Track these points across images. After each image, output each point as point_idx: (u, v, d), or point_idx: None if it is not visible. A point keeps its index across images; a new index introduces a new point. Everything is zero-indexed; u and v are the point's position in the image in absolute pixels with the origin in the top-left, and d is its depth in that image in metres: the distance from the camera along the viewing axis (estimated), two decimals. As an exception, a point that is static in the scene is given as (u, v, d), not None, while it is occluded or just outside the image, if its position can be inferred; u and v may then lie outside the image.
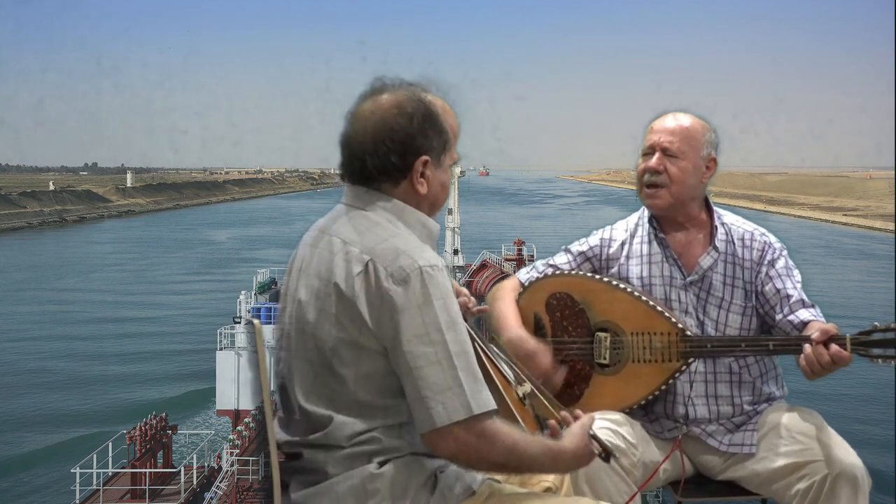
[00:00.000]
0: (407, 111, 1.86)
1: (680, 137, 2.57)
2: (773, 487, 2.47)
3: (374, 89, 1.90)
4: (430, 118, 1.88)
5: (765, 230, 2.67)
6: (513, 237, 52.88)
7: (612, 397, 2.57)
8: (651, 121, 2.68)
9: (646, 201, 2.63)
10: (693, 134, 2.58)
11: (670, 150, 2.56)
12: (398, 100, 1.87)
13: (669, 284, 2.61)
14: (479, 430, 1.77)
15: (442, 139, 1.90)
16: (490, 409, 1.78)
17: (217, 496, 23.10)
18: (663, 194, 2.58)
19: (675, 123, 2.60)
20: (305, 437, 1.87)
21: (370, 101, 1.89)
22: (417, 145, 1.86)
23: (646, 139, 2.63)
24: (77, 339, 43.76)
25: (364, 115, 1.87)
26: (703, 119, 2.63)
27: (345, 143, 1.90)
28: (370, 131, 1.86)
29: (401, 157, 1.86)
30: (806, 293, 2.60)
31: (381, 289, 1.77)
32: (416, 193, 1.89)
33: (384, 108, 1.86)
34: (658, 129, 2.60)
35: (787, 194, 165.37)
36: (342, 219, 1.90)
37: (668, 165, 2.56)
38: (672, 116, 2.62)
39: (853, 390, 29.01)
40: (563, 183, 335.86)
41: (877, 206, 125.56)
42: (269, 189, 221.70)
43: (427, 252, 1.83)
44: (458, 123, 1.95)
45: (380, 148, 1.85)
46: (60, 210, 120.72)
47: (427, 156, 1.88)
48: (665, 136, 2.58)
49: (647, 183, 2.59)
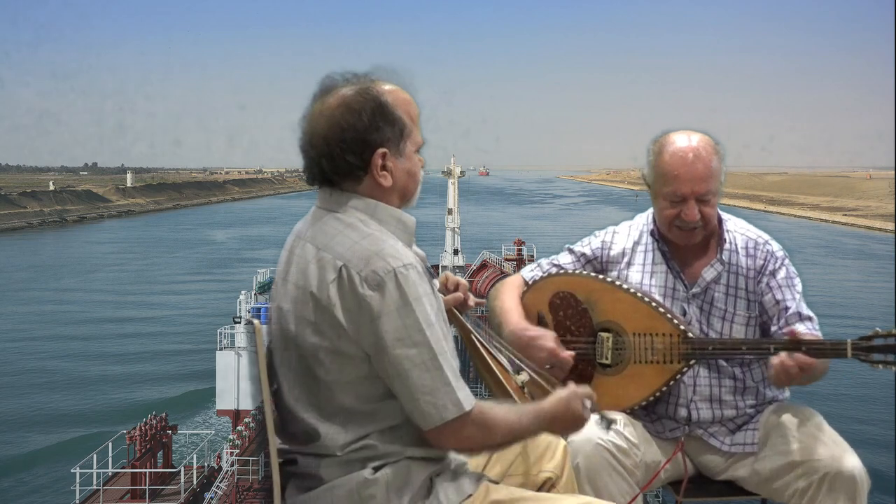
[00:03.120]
0: (354, 108, 1.85)
1: (711, 181, 2.49)
2: (772, 487, 2.48)
3: (324, 89, 1.90)
4: (380, 110, 1.86)
5: (768, 238, 2.64)
6: (513, 237, 52.82)
7: (614, 397, 2.57)
8: (657, 143, 2.54)
9: (680, 242, 2.58)
10: (717, 169, 2.50)
11: (704, 197, 2.50)
12: (345, 97, 1.86)
13: (672, 297, 2.60)
14: (473, 422, 1.82)
15: (397, 129, 1.88)
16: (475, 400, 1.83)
17: (217, 496, 23.08)
18: (698, 233, 2.56)
19: (701, 167, 2.47)
20: (299, 445, 1.87)
21: (319, 101, 1.88)
22: (371, 140, 1.85)
23: (666, 182, 2.49)
24: (77, 339, 43.74)
25: (314, 118, 1.87)
26: (707, 135, 2.54)
27: (302, 148, 1.89)
28: (321, 134, 1.85)
29: (356, 155, 1.85)
30: (806, 293, 2.60)
31: (356, 295, 1.77)
32: (380, 187, 1.88)
33: (332, 108, 1.86)
34: (687, 178, 2.47)
35: (787, 194, 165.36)
36: (316, 223, 1.90)
37: (703, 210, 2.51)
38: (693, 156, 2.47)
39: (853, 390, 29.01)
40: (562, 183, 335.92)
41: (877, 206, 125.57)
42: (269, 189, 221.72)
43: (399, 250, 1.82)
44: (416, 108, 1.93)
45: (333, 149, 1.85)
46: (60, 210, 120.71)
47: (384, 148, 1.87)
48: (699, 185, 2.47)
49: (681, 227, 2.53)
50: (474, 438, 1.84)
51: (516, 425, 1.89)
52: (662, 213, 2.56)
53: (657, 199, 2.57)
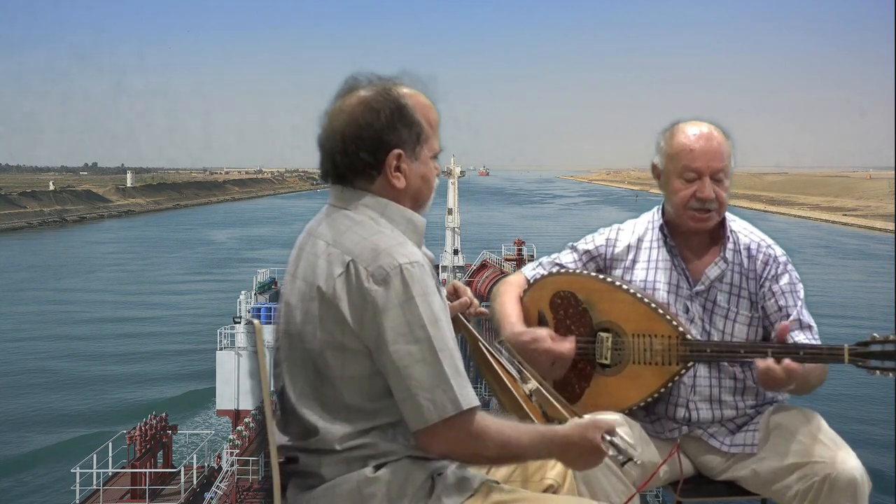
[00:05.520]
0: (374, 107, 1.86)
1: (725, 160, 2.51)
2: (772, 488, 2.47)
3: (347, 87, 1.91)
4: (399, 112, 1.87)
5: (771, 242, 2.63)
6: (513, 237, 52.83)
7: (612, 397, 2.57)
8: (669, 130, 2.57)
9: (694, 225, 2.56)
10: (729, 153, 2.53)
11: (719, 175, 2.51)
12: (366, 96, 1.87)
13: (676, 293, 2.59)
14: (469, 426, 1.78)
15: (414, 132, 1.88)
16: (476, 404, 1.79)
17: (217, 496, 23.09)
18: (713, 217, 2.55)
19: (716, 144, 2.50)
20: (300, 441, 1.87)
21: (341, 99, 1.90)
22: (387, 140, 1.86)
23: (681, 159, 2.51)
24: (77, 339, 43.78)
25: (334, 114, 1.89)
26: (718, 126, 2.56)
27: (319, 144, 1.91)
28: (339, 130, 1.87)
29: (371, 154, 1.86)
30: (806, 294, 2.59)
31: (362, 290, 1.77)
32: (392, 188, 1.89)
33: (352, 106, 1.87)
34: (701, 153, 2.49)
35: (787, 194, 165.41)
36: (327, 220, 1.90)
37: (716, 190, 2.51)
38: (707, 134, 2.51)
39: (853, 390, 29.01)
40: (562, 183, 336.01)
41: (877, 206, 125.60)
42: (269, 189, 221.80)
43: (408, 248, 1.82)
44: (436, 114, 1.94)
45: (349, 146, 1.86)
46: (60, 210, 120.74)
47: (399, 149, 1.87)
48: (714, 161, 2.49)
49: (697, 209, 2.53)
50: (464, 443, 1.79)
51: (513, 441, 1.82)
52: (678, 195, 2.54)
53: (670, 182, 2.56)
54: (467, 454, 1.82)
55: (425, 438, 1.79)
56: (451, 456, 1.84)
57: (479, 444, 1.80)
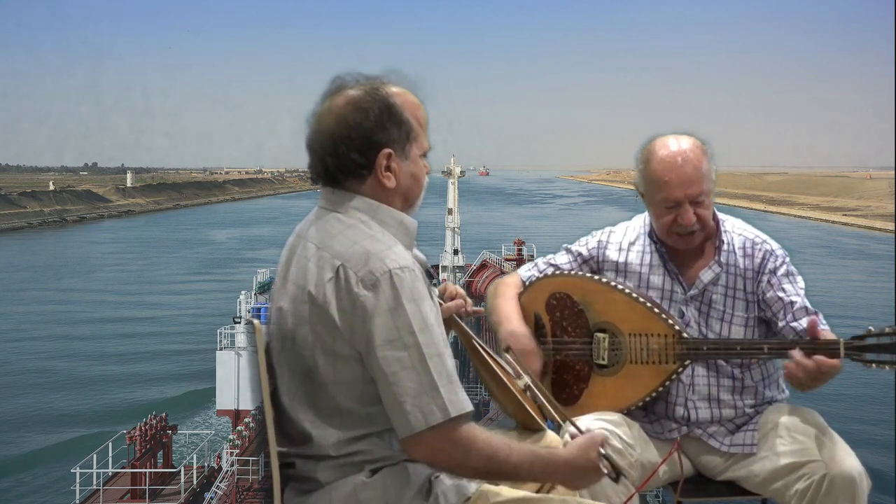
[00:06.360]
0: (362, 107, 1.84)
1: (702, 182, 2.48)
2: (772, 487, 2.47)
3: (334, 88, 1.89)
4: (387, 111, 1.86)
5: (767, 237, 2.62)
6: (513, 237, 52.83)
7: (610, 398, 2.57)
8: (645, 150, 2.54)
9: (680, 247, 2.56)
10: (707, 169, 2.49)
11: (698, 199, 2.49)
12: (354, 96, 1.86)
13: (670, 299, 2.59)
14: (455, 435, 1.75)
15: (403, 130, 1.87)
16: (467, 410, 1.76)
17: (217, 496, 23.08)
18: (697, 237, 2.54)
19: (690, 170, 2.46)
20: (295, 447, 1.86)
21: (328, 100, 1.88)
22: (377, 139, 1.85)
23: (659, 189, 2.48)
24: (77, 339, 43.77)
25: (322, 115, 1.87)
26: (694, 136, 2.53)
27: (308, 146, 1.89)
28: (328, 131, 1.85)
29: (361, 154, 1.85)
30: (807, 294, 2.59)
31: (352, 294, 1.75)
32: (383, 188, 1.87)
33: (340, 107, 1.85)
34: (678, 183, 2.45)
35: (787, 194, 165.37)
36: (317, 223, 1.89)
37: (698, 212, 2.50)
38: (681, 160, 2.46)
39: (853, 390, 29.01)
40: (562, 183, 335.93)
41: (877, 206, 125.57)
42: (269, 189, 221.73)
43: (398, 252, 1.80)
44: (425, 113, 1.93)
45: (339, 147, 1.84)
46: (60, 210, 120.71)
47: (389, 149, 1.86)
48: (691, 188, 2.46)
49: (680, 233, 2.52)
50: (450, 452, 1.75)
51: (501, 454, 1.78)
52: (659, 221, 2.55)
53: (652, 207, 2.56)
54: (453, 464, 1.78)
55: (412, 446, 1.76)
56: (437, 465, 1.80)
57: (465, 453, 1.76)
